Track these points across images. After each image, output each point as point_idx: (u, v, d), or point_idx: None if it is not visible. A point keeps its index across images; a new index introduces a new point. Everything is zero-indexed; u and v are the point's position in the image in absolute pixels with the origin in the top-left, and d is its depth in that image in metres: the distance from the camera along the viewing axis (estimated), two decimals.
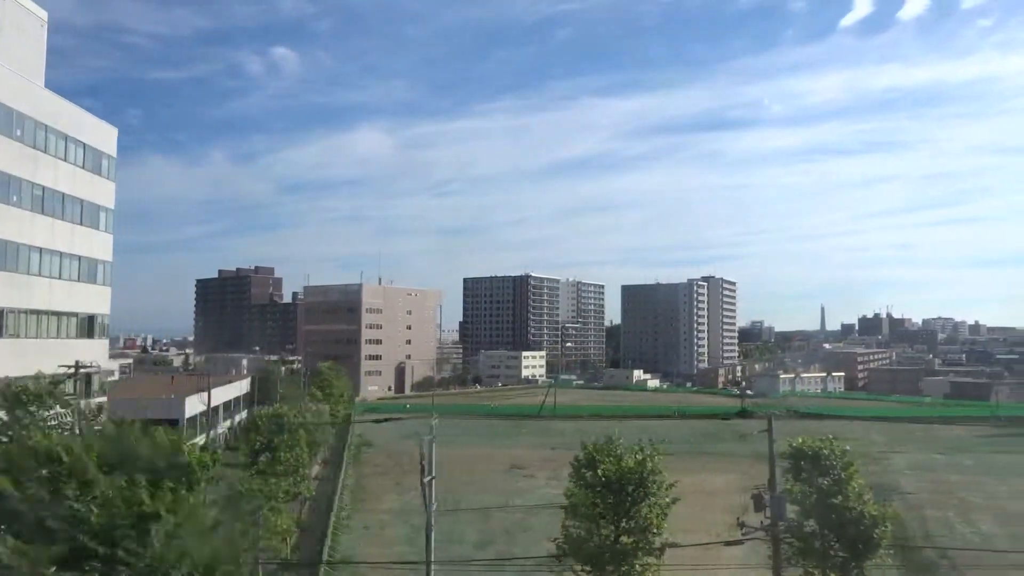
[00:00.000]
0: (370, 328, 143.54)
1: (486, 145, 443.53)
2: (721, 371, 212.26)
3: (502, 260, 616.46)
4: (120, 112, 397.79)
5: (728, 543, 22.58)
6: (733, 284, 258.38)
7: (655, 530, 21.33)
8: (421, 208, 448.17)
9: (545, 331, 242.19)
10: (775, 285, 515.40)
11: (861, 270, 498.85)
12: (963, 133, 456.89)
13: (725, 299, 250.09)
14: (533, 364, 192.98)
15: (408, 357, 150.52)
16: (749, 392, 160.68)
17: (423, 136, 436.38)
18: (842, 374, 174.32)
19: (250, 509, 24.78)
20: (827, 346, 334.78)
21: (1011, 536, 41.48)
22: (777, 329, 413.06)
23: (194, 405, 61.63)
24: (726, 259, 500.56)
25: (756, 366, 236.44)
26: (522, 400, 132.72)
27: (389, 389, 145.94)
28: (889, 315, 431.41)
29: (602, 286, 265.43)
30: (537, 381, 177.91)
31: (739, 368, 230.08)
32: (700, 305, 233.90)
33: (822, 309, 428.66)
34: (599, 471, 21.70)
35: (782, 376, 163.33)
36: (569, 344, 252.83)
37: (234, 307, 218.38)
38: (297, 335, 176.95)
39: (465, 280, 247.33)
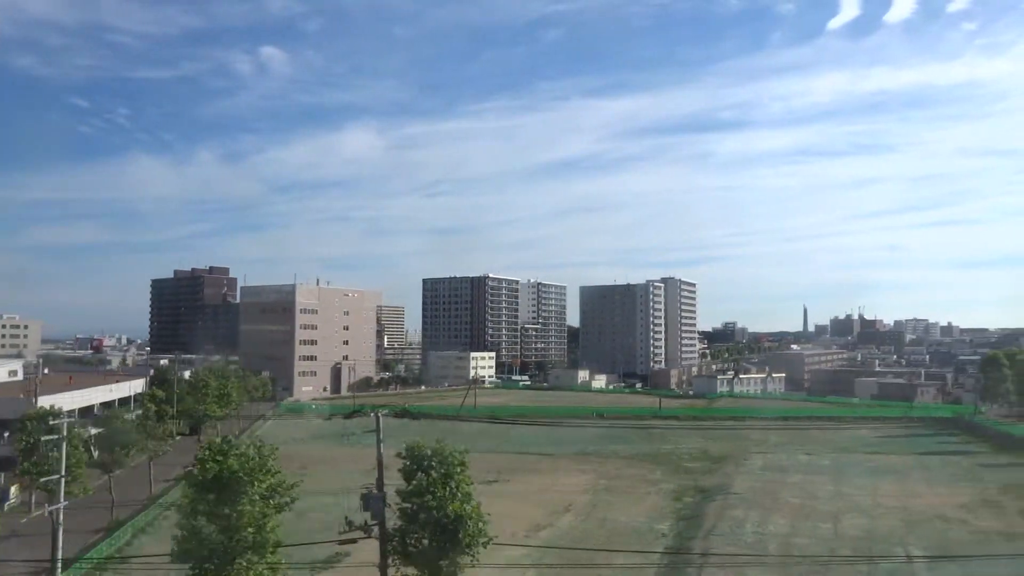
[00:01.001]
0: (304, 328, 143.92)
1: (477, 146, 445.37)
2: (675, 372, 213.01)
3: (492, 261, 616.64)
4: (108, 111, 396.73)
5: (341, 542, 23.13)
6: (693, 285, 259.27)
7: (254, 528, 21.83)
8: (411, 208, 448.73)
9: (504, 332, 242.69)
10: (767, 287, 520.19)
11: (850, 271, 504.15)
12: (951, 135, 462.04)
13: (684, 300, 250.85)
14: (483, 365, 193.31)
15: (345, 358, 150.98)
16: (691, 392, 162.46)
17: (413, 136, 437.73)
18: (783, 375, 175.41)
19: None
20: (795, 347, 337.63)
21: (788, 535, 42.21)
22: (753, 330, 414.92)
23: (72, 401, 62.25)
24: (716, 260, 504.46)
25: (714, 367, 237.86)
26: (457, 401, 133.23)
27: (324, 390, 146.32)
28: (861, 316, 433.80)
29: (564, 287, 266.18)
30: (483, 382, 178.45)
31: (694, 369, 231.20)
32: (656, 306, 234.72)
33: (804, 310, 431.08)
34: (199, 470, 22.27)
35: (720, 377, 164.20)
36: (542, 346, 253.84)
37: (187, 307, 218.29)
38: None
39: (424, 281, 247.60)
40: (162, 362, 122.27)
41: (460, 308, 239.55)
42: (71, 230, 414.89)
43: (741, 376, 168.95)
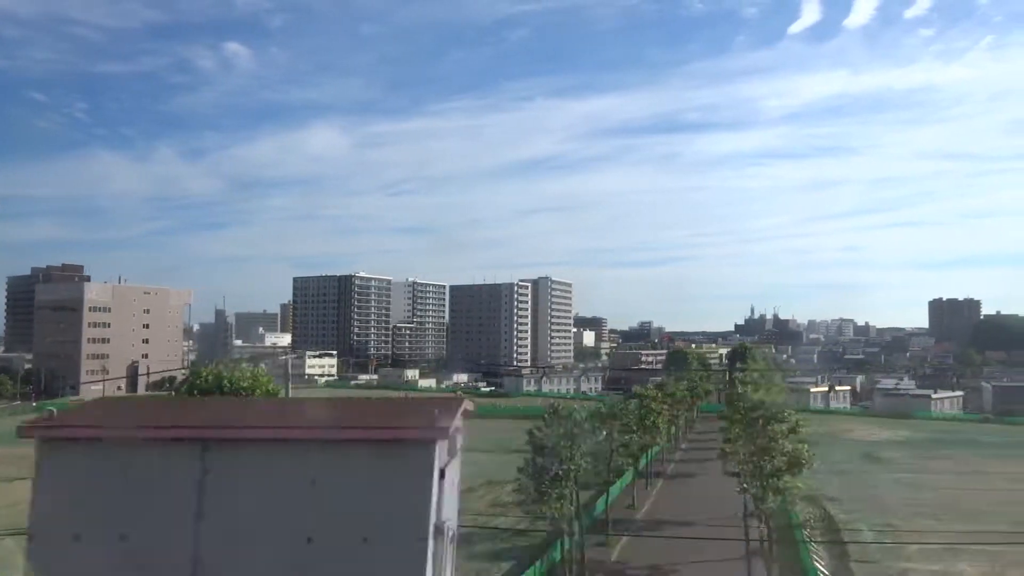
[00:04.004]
0: (94, 327, 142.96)
1: (442, 145, 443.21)
2: (527, 371, 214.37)
3: (456, 260, 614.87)
4: (67, 105, 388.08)
5: None
6: (568, 285, 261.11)
7: None
8: (376, 207, 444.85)
9: (372, 332, 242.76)
10: (725, 286, 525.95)
11: (809, 272, 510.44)
12: (907, 139, 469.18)
13: (556, 301, 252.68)
14: (322, 364, 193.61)
15: (145, 356, 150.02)
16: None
17: (378, 135, 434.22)
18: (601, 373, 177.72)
19: None
20: (680, 344, 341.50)
21: None
22: (675, 329, 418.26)
23: None
24: (679, 260, 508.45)
25: (580, 366, 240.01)
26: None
27: (119, 389, 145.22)
28: (776, 315, 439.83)
29: (443, 286, 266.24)
30: (317, 381, 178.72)
31: (559, 367, 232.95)
32: (522, 306, 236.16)
33: (751, 309, 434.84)
34: None
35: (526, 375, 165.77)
36: (417, 345, 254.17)
37: (31, 306, 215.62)
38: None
39: (295, 280, 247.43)
40: None
41: (328, 307, 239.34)
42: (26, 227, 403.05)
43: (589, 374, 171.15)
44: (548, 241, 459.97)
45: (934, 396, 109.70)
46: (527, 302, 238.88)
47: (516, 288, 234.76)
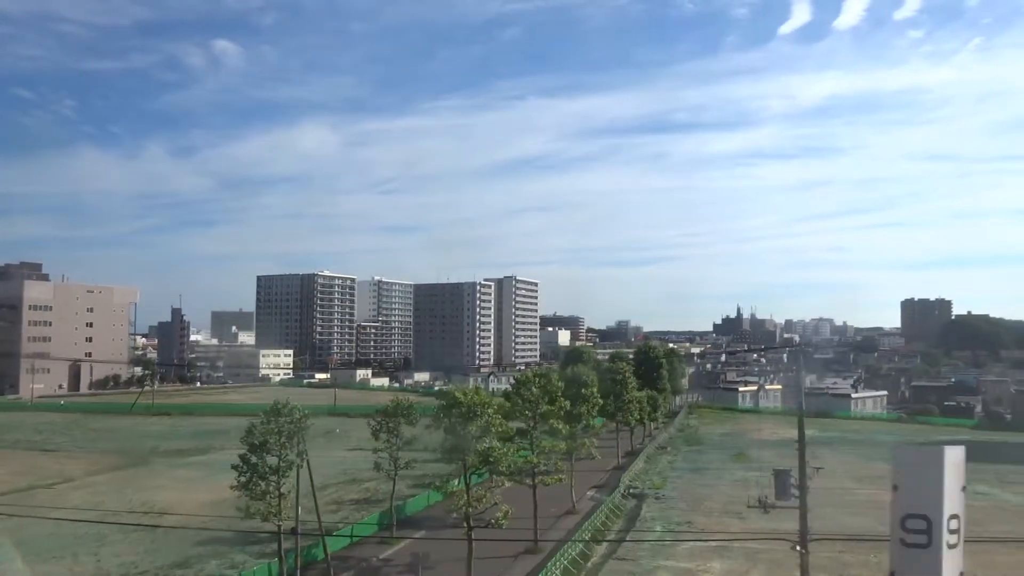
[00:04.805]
0: (35, 325, 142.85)
1: (432, 143, 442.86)
2: (485, 369, 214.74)
3: (445, 259, 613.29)
4: (54, 103, 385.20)
5: None
6: (534, 284, 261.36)
7: None
8: (365, 206, 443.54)
9: (336, 330, 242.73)
10: (721, 286, 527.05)
11: (795, 272, 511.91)
12: (895, 140, 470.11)
13: (521, 300, 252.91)
14: (277, 363, 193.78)
15: (88, 355, 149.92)
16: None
17: (367, 133, 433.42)
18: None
19: None
20: (670, 346, 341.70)
21: None
22: (656, 329, 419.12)
23: None
24: (667, 260, 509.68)
25: (543, 364, 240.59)
26: (221, 399, 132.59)
27: (61, 387, 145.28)
28: (753, 315, 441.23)
29: (410, 285, 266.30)
30: (270, 379, 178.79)
31: (520, 367, 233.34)
32: (484, 306, 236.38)
33: (738, 309, 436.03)
34: None
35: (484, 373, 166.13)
36: (382, 344, 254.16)
37: None
38: None
39: (259, 278, 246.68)
40: None
41: (291, 306, 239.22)
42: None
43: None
44: (537, 240, 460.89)
45: (854, 395, 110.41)
46: (490, 301, 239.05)
47: (479, 287, 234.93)
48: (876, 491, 48.52)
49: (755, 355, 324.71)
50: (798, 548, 18.74)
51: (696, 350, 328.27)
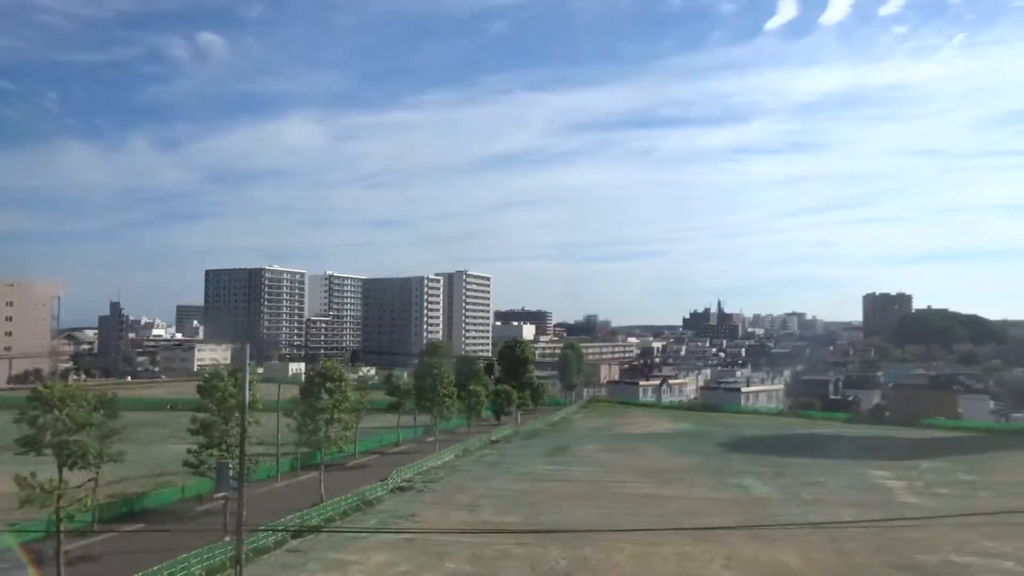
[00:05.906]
0: None
1: (419, 137, 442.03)
2: None
3: (432, 253, 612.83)
4: (36, 95, 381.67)
5: None
6: (486, 279, 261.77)
7: None
8: (352, 200, 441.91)
9: (284, 325, 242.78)
10: (704, 280, 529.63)
11: (780, 267, 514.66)
12: (879, 135, 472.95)
13: (472, 295, 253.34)
14: (214, 357, 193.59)
15: (7, 349, 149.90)
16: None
17: (354, 127, 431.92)
18: None
19: None
20: (633, 340, 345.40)
21: None
22: (627, 323, 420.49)
23: None
24: (652, 255, 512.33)
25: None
26: (132, 393, 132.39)
27: None
28: (720, 310, 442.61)
29: (360, 279, 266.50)
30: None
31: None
32: (433, 300, 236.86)
33: (719, 304, 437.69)
34: None
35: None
36: (333, 339, 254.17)
37: None
38: None
39: (207, 272, 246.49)
40: None
41: (239, 300, 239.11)
42: None
43: None
44: (524, 235, 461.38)
45: (744, 389, 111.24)
46: (438, 296, 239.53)
47: (427, 281, 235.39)
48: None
49: (714, 349, 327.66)
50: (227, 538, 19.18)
51: (657, 345, 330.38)
